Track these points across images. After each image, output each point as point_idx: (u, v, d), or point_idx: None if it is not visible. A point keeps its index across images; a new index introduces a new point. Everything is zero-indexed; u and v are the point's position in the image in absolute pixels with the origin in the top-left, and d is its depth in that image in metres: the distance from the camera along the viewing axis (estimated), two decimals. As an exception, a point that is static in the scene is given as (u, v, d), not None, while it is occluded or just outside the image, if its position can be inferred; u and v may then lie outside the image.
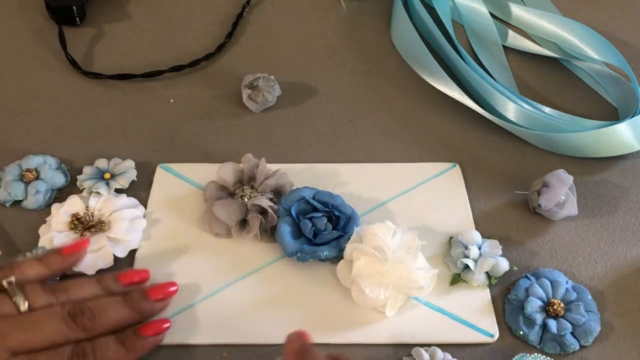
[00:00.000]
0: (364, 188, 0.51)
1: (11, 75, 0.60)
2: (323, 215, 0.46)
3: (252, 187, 0.48)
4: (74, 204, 0.48)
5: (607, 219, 0.50)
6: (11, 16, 0.66)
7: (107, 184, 0.50)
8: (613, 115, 0.58)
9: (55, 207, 0.48)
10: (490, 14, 0.66)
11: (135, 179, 0.51)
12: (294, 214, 0.47)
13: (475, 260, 0.45)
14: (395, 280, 0.42)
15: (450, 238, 0.48)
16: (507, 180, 0.51)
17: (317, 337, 0.40)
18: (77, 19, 0.64)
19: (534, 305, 0.44)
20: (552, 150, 0.54)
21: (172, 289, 0.43)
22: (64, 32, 0.62)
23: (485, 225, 0.49)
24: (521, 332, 0.43)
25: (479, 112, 0.55)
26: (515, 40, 0.64)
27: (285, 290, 0.45)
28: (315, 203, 0.47)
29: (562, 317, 0.43)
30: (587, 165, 0.53)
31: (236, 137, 0.55)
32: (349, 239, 0.45)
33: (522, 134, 0.55)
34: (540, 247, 0.48)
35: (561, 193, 0.48)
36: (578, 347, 0.43)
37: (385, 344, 0.42)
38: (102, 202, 0.48)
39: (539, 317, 0.43)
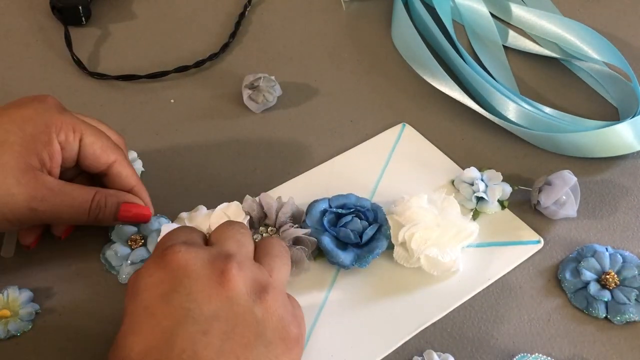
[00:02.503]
0: (348, 179, 0.51)
1: (16, 75, 0.60)
2: (353, 217, 0.46)
3: (265, 226, 0.46)
4: None
5: (607, 219, 0.50)
6: (15, 16, 0.66)
7: None
8: (613, 115, 0.58)
9: None
10: (491, 14, 0.66)
11: (143, 169, 0.52)
12: (327, 228, 0.46)
13: (485, 192, 0.49)
14: (453, 237, 0.45)
15: (452, 181, 0.51)
16: (508, 180, 0.51)
17: (429, 317, 0.43)
18: (83, 18, 0.64)
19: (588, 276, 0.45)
20: (553, 150, 0.54)
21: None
22: (69, 33, 0.63)
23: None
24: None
25: (480, 112, 0.55)
26: (516, 40, 0.64)
27: (367, 296, 0.44)
28: (337, 210, 0.47)
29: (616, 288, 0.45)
30: (587, 165, 0.53)
31: (237, 138, 0.55)
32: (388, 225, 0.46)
33: (522, 134, 0.55)
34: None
35: (561, 192, 0.48)
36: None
37: (474, 295, 0.45)
38: None
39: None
